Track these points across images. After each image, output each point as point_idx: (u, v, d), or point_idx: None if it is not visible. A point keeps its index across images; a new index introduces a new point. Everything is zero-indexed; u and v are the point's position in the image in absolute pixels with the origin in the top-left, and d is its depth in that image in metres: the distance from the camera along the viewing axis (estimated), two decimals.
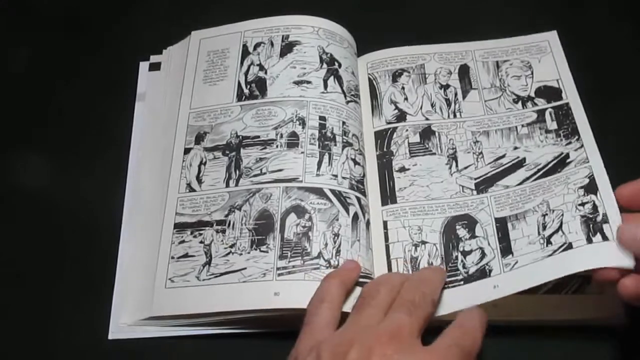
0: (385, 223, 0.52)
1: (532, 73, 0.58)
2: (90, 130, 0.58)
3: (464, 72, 0.59)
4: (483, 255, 0.49)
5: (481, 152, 0.54)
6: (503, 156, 0.54)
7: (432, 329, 0.42)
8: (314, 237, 0.48)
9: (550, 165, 0.52)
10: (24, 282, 0.51)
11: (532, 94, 0.57)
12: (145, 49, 0.61)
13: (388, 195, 0.53)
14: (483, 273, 0.48)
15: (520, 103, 0.57)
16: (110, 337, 0.48)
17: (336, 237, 0.49)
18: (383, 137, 0.56)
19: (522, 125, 0.55)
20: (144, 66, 0.61)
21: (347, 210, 0.50)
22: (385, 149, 0.55)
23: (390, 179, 0.54)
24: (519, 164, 0.53)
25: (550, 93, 0.57)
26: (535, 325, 0.48)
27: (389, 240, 0.51)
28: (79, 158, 0.57)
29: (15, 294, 0.50)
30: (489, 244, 0.49)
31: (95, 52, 0.63)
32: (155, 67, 0.60)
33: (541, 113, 0.56)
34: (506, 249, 0.48)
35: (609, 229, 0.45)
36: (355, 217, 0.50)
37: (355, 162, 0.53)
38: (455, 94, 0.58)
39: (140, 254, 0.51)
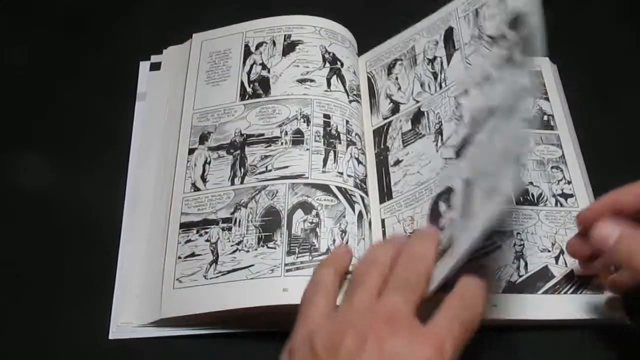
0: (383, 221, 0.52)
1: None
2: (90, 130, 0.58)
3: (448, 37, 0.57)
4: None
5: (461, 115, 0.52)
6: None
7: None
8: (321, 233, 0.48)
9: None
10: (24, 282, 0.51)
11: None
12: (145, 49, 0.61)
13: (385, 192, 0.53)
14: None
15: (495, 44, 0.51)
16: (110, 337, 0.48)
17: (343, 234, 0.49)
18: (380, 134, 0.56)
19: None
20: (144, 66, 0.61)
21: (353, 208, 0.50)
22: (382, 146, 0.55)
23: (386, 176, 0.54)
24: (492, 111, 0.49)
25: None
26: (535, 326, 0.48)
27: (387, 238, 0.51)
28: (79, 158, 0.57)
29: (15, 294, 0.50)
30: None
31: (95, 52, 0.62)
32: (155, 67, 0.60)
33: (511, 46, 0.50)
34: None
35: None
36: (360, 216, 0.50)
37: (359, 162, 0.53)
38: (441, 63, 0.56)
39: (145, 254, 0.50)
